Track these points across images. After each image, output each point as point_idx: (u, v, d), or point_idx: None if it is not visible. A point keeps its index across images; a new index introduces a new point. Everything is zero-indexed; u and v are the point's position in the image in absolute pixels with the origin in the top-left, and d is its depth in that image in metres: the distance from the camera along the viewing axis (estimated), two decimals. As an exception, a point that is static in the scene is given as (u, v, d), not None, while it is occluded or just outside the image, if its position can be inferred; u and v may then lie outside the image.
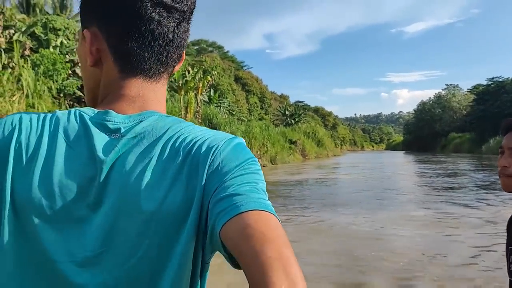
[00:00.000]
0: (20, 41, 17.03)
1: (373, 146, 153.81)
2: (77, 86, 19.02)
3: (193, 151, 0.71)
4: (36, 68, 16.57)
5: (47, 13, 29.13)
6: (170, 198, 0.68)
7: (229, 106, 39.88)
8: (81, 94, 20.00)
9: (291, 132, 44.06)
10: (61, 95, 18.48)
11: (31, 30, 19.16)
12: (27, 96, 15.04)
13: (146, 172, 0.68)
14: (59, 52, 19.17)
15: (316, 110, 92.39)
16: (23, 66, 15.61)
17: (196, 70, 27.42)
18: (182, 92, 26.00)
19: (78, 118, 0.73)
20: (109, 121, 0.73)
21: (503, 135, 1.57)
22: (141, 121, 0.73)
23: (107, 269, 0.67)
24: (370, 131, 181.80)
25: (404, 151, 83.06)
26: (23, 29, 18.58)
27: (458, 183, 16.54)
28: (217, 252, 0.69)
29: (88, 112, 0.74)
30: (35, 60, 16.90)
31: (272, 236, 0.59)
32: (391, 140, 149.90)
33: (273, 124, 46.54)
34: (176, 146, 0.71)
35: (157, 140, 0.72)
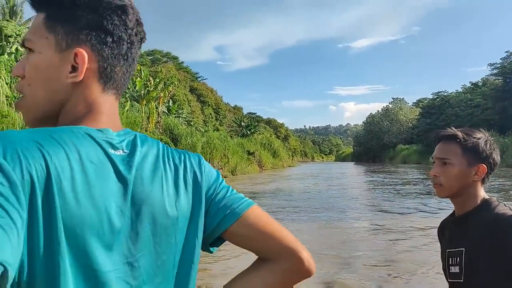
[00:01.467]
0: None
1: (323, 157, 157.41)
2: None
3: (188, 165, 0.89)
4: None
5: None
6: (184, 204, 0.85)
7: (186, 117, 39.67)
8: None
9: (248, 143, 44.24)
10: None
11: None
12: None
13: (163, 184, 0.82)
14: (15, 59, 18.55)
15: (269, 122, 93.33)
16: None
17: (158, 80, 27.20)
18: (144, 102, 25.71)
19: (89, 138, 0.76)
20: (112, 138, 0.80)
21: (434, 146, 1.71)
22: (134, 139, 0.84)
23: (145, 269, 0.78)
24: (320, 142, 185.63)
25: (354, 162, 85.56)
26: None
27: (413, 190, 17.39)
28: None
29: (92, 132, 0.78)
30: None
31: (272, 221, 0.90)
32: (340, 152, 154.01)
33: (229, 135, 46.70)
34: (175, 161, 0.88)
35: (158, 157, 0.85)
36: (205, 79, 68.74)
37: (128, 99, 25.64)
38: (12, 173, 0.62)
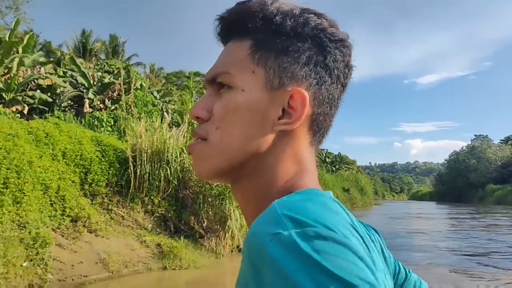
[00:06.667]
0: (113, 83, 16.44)
1: (393, 196, 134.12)
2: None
3: (382, 243, 0.74)
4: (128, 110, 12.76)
5: (100, 58, 30.62)
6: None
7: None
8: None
9: (340, 180, 40.95)
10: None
11: (118, 72, 17.82)
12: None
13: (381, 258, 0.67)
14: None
15: (341, 158, 70.18)
16: (115, 108, 14.42)
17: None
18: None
19: (339, 207, 0.55)
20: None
21: None
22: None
23: None
24: (389, 180, 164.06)
25: (435, 202, 69.65)
26: (115, 72, 18.45)
27: None
28: None
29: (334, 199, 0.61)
30: (128, 101, 13.33)
31: None
32: (415, 190, 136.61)
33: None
34: (370, 236, 0.69)
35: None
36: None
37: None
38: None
